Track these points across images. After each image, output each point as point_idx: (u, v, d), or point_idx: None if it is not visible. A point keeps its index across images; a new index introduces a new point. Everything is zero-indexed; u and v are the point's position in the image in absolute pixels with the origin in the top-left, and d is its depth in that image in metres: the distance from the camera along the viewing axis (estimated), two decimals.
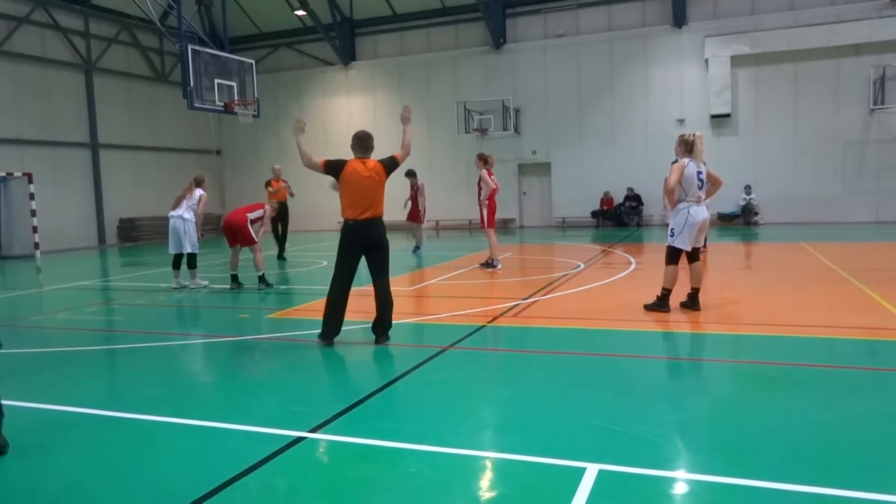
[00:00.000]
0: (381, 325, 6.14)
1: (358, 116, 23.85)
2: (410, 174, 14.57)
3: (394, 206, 15.12)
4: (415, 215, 14.60)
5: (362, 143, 6.14)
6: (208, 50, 15.01)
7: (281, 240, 14.44)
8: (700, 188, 7.02)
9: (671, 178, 6.94)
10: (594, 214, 21.88)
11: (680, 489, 3.08)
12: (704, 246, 12.68)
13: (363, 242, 6.00)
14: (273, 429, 3.95)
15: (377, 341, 6.11)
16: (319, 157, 6.10)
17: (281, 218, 14.02)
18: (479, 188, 11.16)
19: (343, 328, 6.18)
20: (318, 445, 3.76)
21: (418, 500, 3.02)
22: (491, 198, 11.07)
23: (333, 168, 6.05)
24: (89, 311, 8.83)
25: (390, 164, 6.16)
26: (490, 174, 11.03)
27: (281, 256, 14.21)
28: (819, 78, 19.51)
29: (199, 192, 10.16)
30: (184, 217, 10.00)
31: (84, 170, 21.15)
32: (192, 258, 10.18)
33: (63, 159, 20.38)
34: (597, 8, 21.68)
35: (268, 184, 14.04)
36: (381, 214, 6.09)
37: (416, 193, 14.52)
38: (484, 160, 11.11)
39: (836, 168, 19.61)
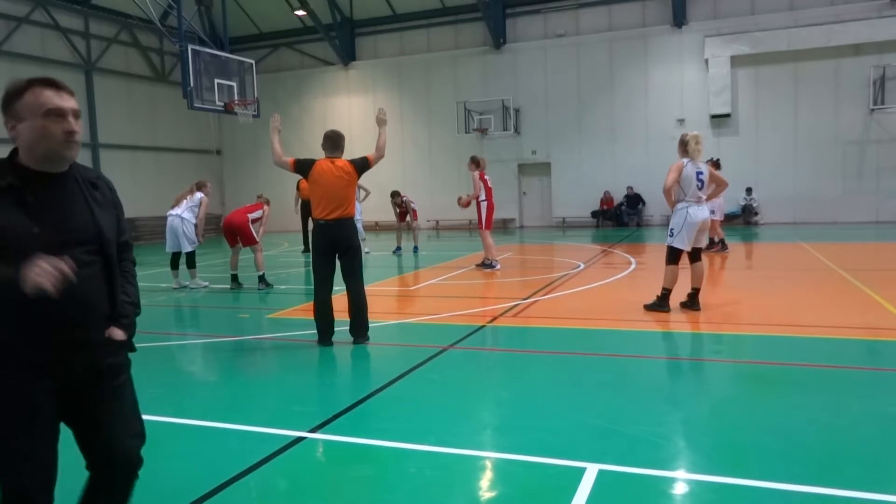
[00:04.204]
0: (358, 327, 6.14)
1: (358, 116, 23.87)
2: (394, 195, 14.80)
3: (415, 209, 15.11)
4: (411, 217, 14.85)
5: (332, 142, 6.12)
6: (208, 50, 15.02)
7: (306, 236, 14.57)
8: (700, 188, 7.02)
9: (668, 179, 6.95)
10: (594, 214, 21.89)
11: (680, 489, 3.08)
12: (722, 245, 12.73)
13: (333, 243, 5.99)
14: (273, 429, 3.95)
15: (356, 342, 6.11)
16: (289, 156, 6.10)
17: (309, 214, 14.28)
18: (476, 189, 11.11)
19: (339, 328, 6.18)
20: (318, 445, 3.76)
21: (418, 500, 3.02)
22: (489, 199, 11.04)
23: (302, 167, 6.03)
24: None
25: (361, 165, 6.12)
26: (482, 175, 11.00)
27: (307, 251, 14.41)
28: (819, 78, 19.50)
29: (199, 195, 10.15)
30: (182, 216, 9.99)
31: None
32: (190, 257, 10.17)
33: None
34: (597, 8, 21.67)
35: (298, 183, 14.21)
36: (352, 215, 6.06)
37: (405, 209, 14.79)
38: (476, 163, 11.11)
39: (836, 168, 19.61)
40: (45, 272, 1.83)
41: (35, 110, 1.99)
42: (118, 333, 2.18)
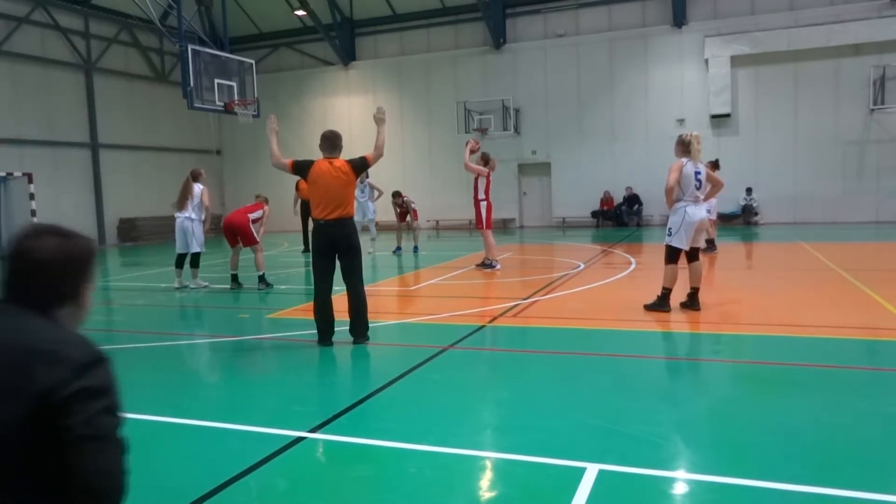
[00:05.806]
0: (358, 327, 6.14)
1: (358, 116, 23.85)
2: (396, 195, 14.77)
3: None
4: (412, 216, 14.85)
5: (330, 142, 6.13)
6: (208, 50, 15.01)
7: (306, 236, 14.56)
8: (698, 188, 7.04)
9: (669, 178, 6.96)
10: (594, 214, 21.88)
11: (680, 489, 3.08)
12: (711, 246, 12.69)
13: (333, 243, 5.99)
14: (273, 429, 3.95)
15: (356, 342, 6.10)
16: (288, 158, 6.09)
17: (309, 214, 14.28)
18: (476, 187, 11.07)
19: (339, 328, 6.18)
20: (318, 445, 3.76)
21: (418, 500, 3.02)
22: (488, 197, 11.02)
23: (300, 168, 6.05)
24: (89, 311, 8.81)
25: (359, 164, 6.13)
26: (489, 175, 10.97)
27: (307, 251, 14.40)
28: (819, 78, 19.50)
29: (198, 187, 10.11)
30: (191, 217, 10.01)
31: (84, 170, 21.14)
32: (195, 258, 10.18)
33: (63, 159, 20.37)
34: (597, 8, 21.67)
35: (297, 184, 14.16)
36: (351, 215, 6.08)
37: (406, 209, 14.77)
38: (486, 160, 11.10)
39: (836, 168, 19.60)
40: None
41: None
42: None
